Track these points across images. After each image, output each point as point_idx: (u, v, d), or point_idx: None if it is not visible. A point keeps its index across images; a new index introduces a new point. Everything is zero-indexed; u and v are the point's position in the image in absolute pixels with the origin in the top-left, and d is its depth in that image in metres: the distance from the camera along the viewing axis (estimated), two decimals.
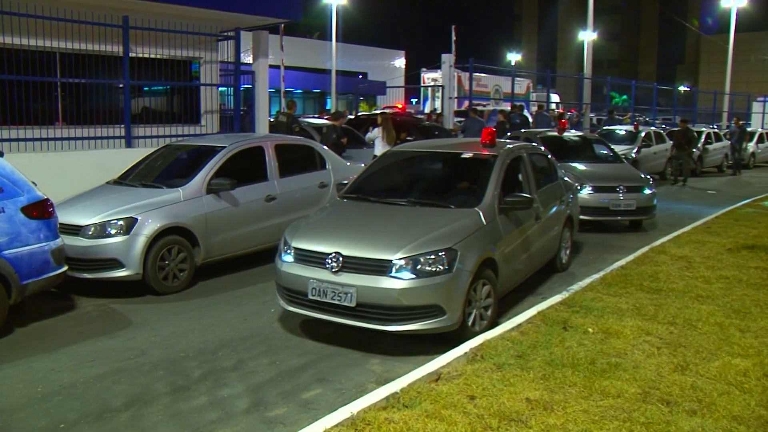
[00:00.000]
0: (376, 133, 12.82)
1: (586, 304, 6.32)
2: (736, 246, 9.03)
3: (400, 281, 5.18)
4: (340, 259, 5.38)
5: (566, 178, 8.78)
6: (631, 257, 8.42)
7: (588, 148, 12.90)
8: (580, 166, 11.53)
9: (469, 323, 5.57)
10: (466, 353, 5.03)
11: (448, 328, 5.33)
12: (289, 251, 5.82)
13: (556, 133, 12.94)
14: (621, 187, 10.81)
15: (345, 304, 5.30)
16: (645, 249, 8.90)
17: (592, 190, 10.80)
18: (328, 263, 5.41)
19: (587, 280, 7.28)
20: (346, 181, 7.28)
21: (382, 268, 5.26)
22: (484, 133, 7.12)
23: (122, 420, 4.27)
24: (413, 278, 5.20)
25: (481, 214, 5.98)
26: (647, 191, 10.98)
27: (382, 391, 4.38)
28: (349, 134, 13.89)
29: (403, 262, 5.24)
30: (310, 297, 5.47)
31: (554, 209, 7.78)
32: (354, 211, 6.46)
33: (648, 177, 11.60)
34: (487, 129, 7.19)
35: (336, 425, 3.91)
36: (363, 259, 5.35)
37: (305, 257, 5.65)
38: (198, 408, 4.44)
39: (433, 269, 5.25)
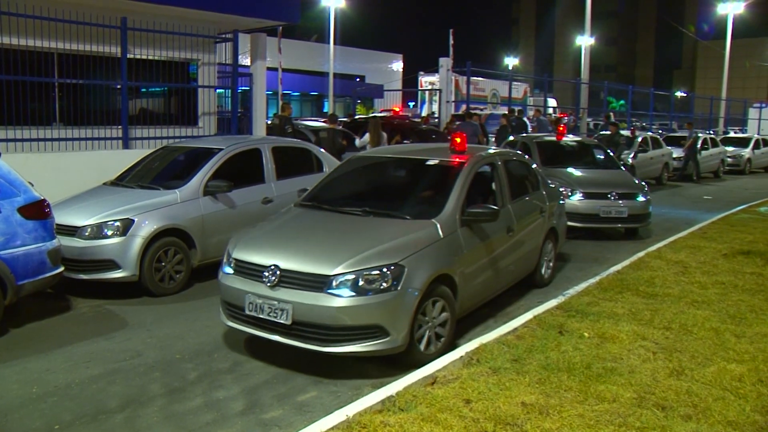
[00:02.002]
0: (366, 138, 12.81)
1: (582, 308, 6.34)
2: (732, 251, 9.06)
3: (338, 299, 4.78)
4: (278, 272, 5.01)
5: (552, 186, 8.43)
6: (627, 262, 8.44)
7: (585, 154, 12.71)
8: (575, 172, 11.42)
9: (421, 345, 5.15)
10: (461, 357, 5.04)
11: (393, 350, 4.92)
12: (230, 262, 5.48)
13: (553, 138, 12.87)
14: (613, 193, 10.62)
15: (281, 321, 4.93)
16: (641, 254, 8.92)
17: (582, 196, 10.62)
18: (265, 276, 5.05)
19: (583, 285, 7.29)
20: (307, 188, 6.93)
21: (319, 283, 4.86)
22: (453, 138, 6.65)
23: (117, 421, 4.26)
24: (353, 296, 4.79)
25: (438, 226, 5.55)
26: (641, 198, 10.76)
27: (377, 394, 4.38)
28: (348, 137, 13.91)
29: (342, 277, 4.84)
30: (247, 312, 5.12)
31: (533, 221, 7.34)
32: (304, 221, 6.05)
33: (643, 184, 11.46)
34: (457, 134, 6.70)
35: (331, 428, 3.92)
36: (300, 273, 4.96)
37: (244, 269, 5.30)
38: (193, 410, 4.44)
39: (376, 286, 4.84)
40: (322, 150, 9.80)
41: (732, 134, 31.41)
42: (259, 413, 4.40)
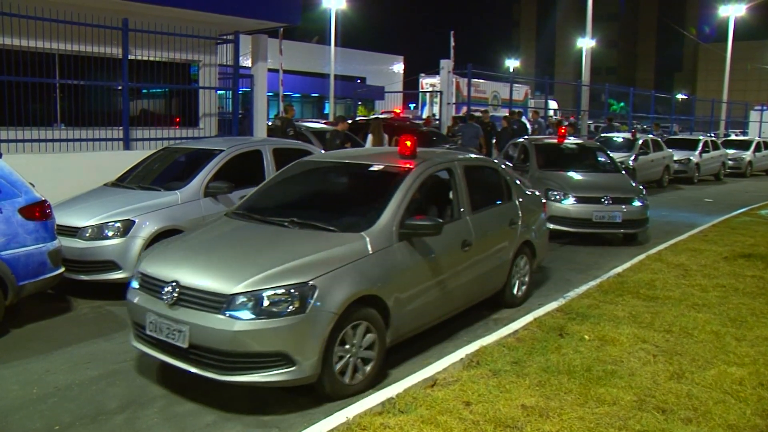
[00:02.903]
0: (370, 139, 12.83)
1: (582, 311, 6.34)
2: (733, 254, 9.06)
3: (236, 321, 4.26)
4: (177, 289, 4.53)
5: (530, 194, 7.60)
6: (627, 265, 8.44)
7: (585, 157, 12.36)
8: (570, 175, 11.18)
9: (345, 377, 4.61)
10: (462, 359, 5.04)
11: (301, 381, 4.37)
12: (136, 276, 5.04)
13: (553, 141, 12.64)
14: (606, 197, 10.29)
15: (177, 344, 4.44)
16: (641, 256, 8.92)
17: (575, 200, 10.34)
18: (165, 293, 4.57)
19: (584, 287, 7.29)
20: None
21: (218, 303, 4.35)
22: (401, 141, 5.98)
23: (117, 422, 4.26)
24: (253, 318, 4.25)
25: (367, 240, 4.94)
26: (637, 203, 10.39)
27: (378, 396, 4.39)
28: (350, 139, 13.91)
29: (243, 297, 4.31)
30: (148, 332, 4.67)
31: (500, 234, 6.63)
32: (225, 232, 5.50)
33: (642, 188, 11.11)
34: (405, 137, 6.00)
35: (332, 430, 3.92)
36: (200, 290, 4.46)
37: (148, 284, 4.83)
38: (193, 411, 4.43)
39: (281, 308, 4.30)
40: (322, 151, 9.80)
41: (733, 137, 31.41)
42: (260, 414, 4.39)
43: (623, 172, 11.99)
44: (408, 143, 5.90)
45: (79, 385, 4.81)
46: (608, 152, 12.70)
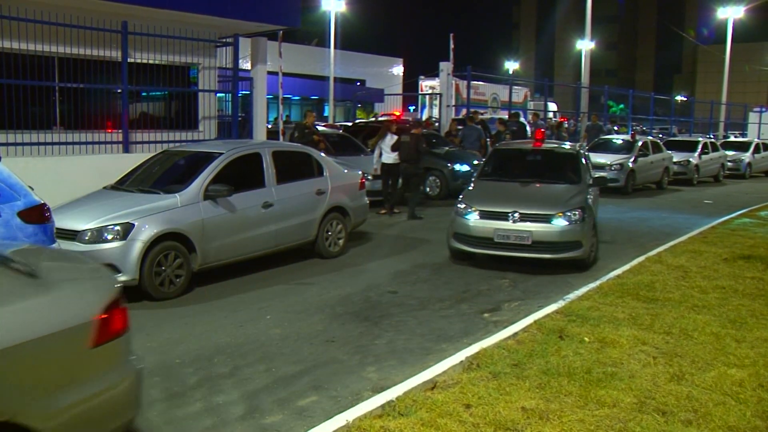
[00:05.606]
0: (388, 141, 12.79)
1: (582, 313, 6.33)
2: (733, 256, 9.05)
3: None
4: None
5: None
6: (627, 266, 8.44)
7: (545, 165, 10.13)
8: (502, 185, 9.49)
9: None
10: (462, 362, 5.04)
11: None
12: None
13: (521, 147, 11.14)
14: (515, 213, 8.42)
15: None
16: (641, 258, 8.92)
17: (477, 215, 8.61)
18: None
19: (583, 289, 7.29)
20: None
21: None
22: None
23: None
24: None
25: None
26: (559, 222, 8.31)
27: (377, 399, 4.39)
28: (348, 141, 13.87)
29: None
30: None
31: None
32: None
33: (588, 203, 8.78)
34: None
35: None
36: None
37: None
38: (193, 414, 4.43)
39: None
40: (323, 154, 9.80)
41: (732, 138, 31.43)
42: (259, 418, 4.39)
43: (590, 182, 9.62)
44: None
45: None
46: (582, 159, 10.07)
